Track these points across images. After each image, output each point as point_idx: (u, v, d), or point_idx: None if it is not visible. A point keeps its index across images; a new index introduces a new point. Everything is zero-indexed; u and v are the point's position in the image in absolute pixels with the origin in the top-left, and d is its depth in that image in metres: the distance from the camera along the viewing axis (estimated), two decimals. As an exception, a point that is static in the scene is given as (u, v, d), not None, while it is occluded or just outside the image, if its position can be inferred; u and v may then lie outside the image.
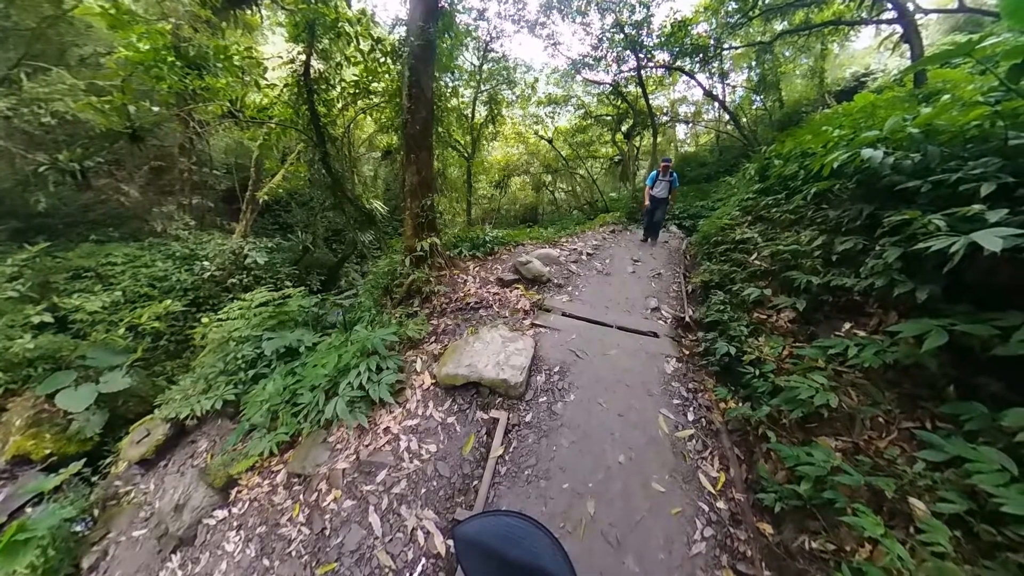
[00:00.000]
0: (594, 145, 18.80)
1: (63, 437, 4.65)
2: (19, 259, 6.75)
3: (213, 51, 5.30)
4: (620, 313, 4.45)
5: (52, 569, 2.86)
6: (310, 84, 5.90)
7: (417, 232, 5.15)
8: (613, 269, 6.01)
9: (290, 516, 2.63)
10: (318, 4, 5.15)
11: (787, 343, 2.91)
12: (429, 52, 4.82)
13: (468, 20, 9.90)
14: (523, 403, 3.09)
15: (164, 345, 6.74)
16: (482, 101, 12.22)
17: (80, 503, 3.38)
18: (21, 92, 7.42)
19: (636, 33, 11.48)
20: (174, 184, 10.56)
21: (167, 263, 8.54)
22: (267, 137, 7.42)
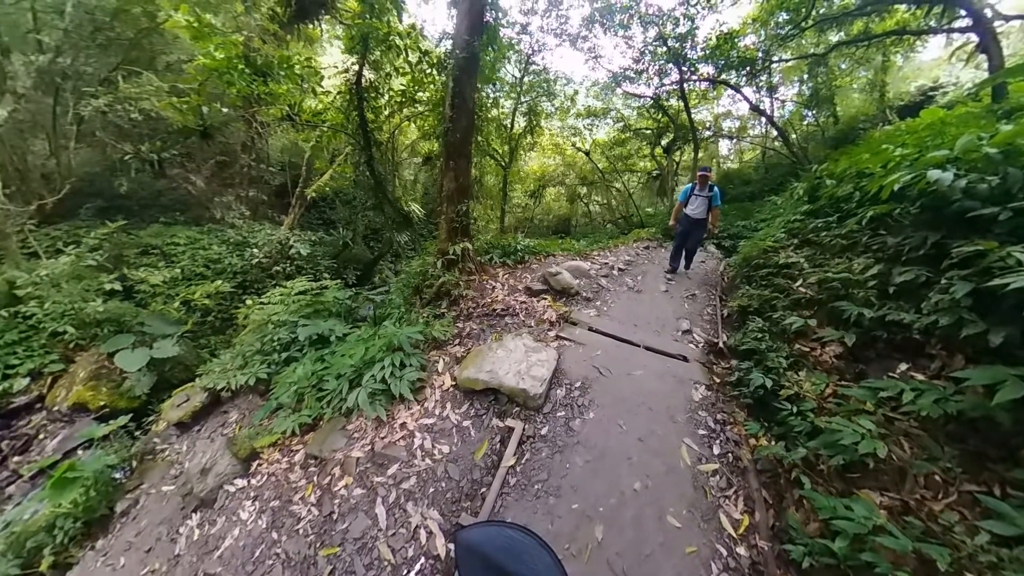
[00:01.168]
0: (632, 159, 18.53)
1: (116, 393, 5.16)
2: (100, 233, 7.61)
3: (277, 60, 5.84)
4: (649, 333, 4.30)
5: (91, 508, 3.14)
6: (361, 92, 6.30)
7: (451, 236, 5.27)
8: (645, 286, 5.84)
9: (303, 495, 2.71)
10: (372, 19, 5.52)
11: (831, 380, 2.67)
12: (473, 64, 4.98)
13: (511, 34, 10.17)
14: (540, 415, 3.03)
15: (211, 321, 7.28)
16: (522, 112, 12.43)
17: (122, 453, 3.69)
18: (117, 91, 8.45)
19: (680, 46, 11.24)
20: (234, 177, 11.55)
21: (222, 247, 9.29)
22: (319, 139, 8.00)
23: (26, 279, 6.05)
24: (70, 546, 2.98)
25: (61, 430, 4.79)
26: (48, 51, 7.60)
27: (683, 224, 5.80)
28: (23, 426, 4.92)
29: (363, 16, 5.51)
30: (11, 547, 2.91)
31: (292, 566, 2.30)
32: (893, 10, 10.05)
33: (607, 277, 6.05)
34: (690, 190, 5.59)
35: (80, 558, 2.95)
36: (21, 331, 5.61)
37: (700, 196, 5.48)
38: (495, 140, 11.49)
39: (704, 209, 5.54)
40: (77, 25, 7.75)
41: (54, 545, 2.94)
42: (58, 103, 8.36)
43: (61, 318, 5.76)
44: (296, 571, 2.27)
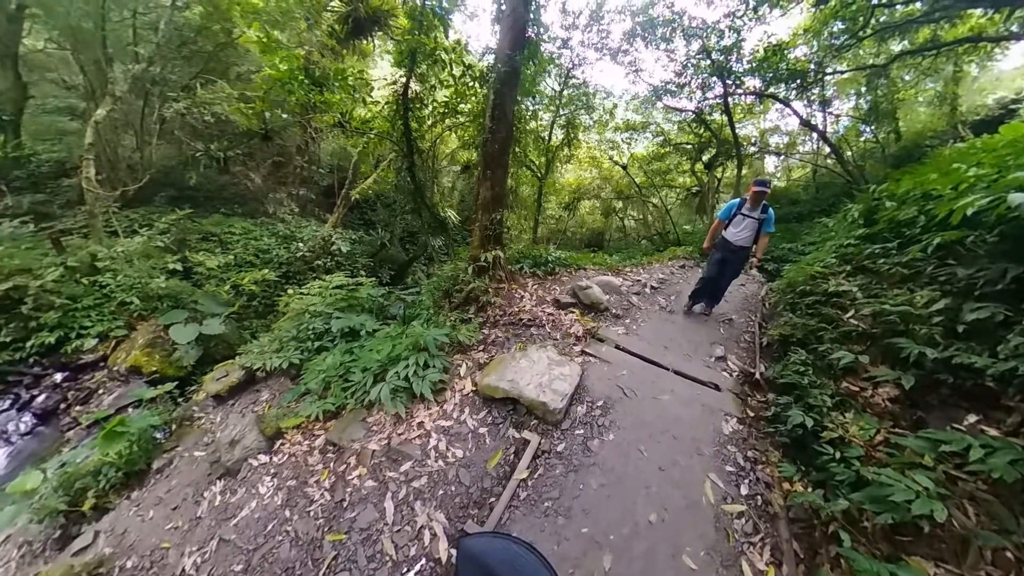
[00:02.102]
0: (671, 174, 18.00)
1: (167, 361, 5.71)
2: (170, 219, 8.41)
3: (333, 73, 6.40)
4: (679, 356, 4.11)
5: (132, 461, 3.42)
6: (407, 103, 6.64)
7: (483, 243, 5.34)
8: (678, 307, 5.59)
9: (318, 479, 2.79)
10: (421, 35, 5.83)
11: (883, 426, 2.40)
12: (514, 78, 5.10)
13: (552, 49, 10.26)
14: (558, 431, 2.95)
15: (255, 305, 7.80)
16: (560, 125, 12.49)
17: (165, 416, 4.01)
18: (195, 97, 9.54)
19: (724, 59, 10.81)
20: (288, 177, 12.56)
21: (271, 239, 10.01)
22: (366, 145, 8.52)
23: (105, 253, 6.81)
24: (110, 492, 3.26)
25: (117, 388, 5.38)
26: (142, 61, 8.74)
27: (720, 250, 4.51)
28: (87, 380, 5.55)
29: (412, 32, 5.85)
30: (63, 485, 3.22)
31: (299, 545, 2.36)
32: (966, 15, 9.10)
33: (639, 295, 5.87)
34: (736, 208, 4.30)
35: (116, 505, 3.19)
36: (96, 298, 6.30)
37: (749, 217, 4.20)
38: (532, 151, 11.64)
39: (751, 235, 4.27)
40: (167, 40, 8.89)
41: (97, 489, 3.22)
42: (146, 105, 9.55)
43: (130, 290, 6.46)
44: (302, 551, 2.32)
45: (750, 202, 4.21)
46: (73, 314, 5.98)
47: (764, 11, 10.27)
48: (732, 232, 4.40)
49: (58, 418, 5.15)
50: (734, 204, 4.40)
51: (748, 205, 4.23)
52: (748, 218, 4.27)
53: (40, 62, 9.92)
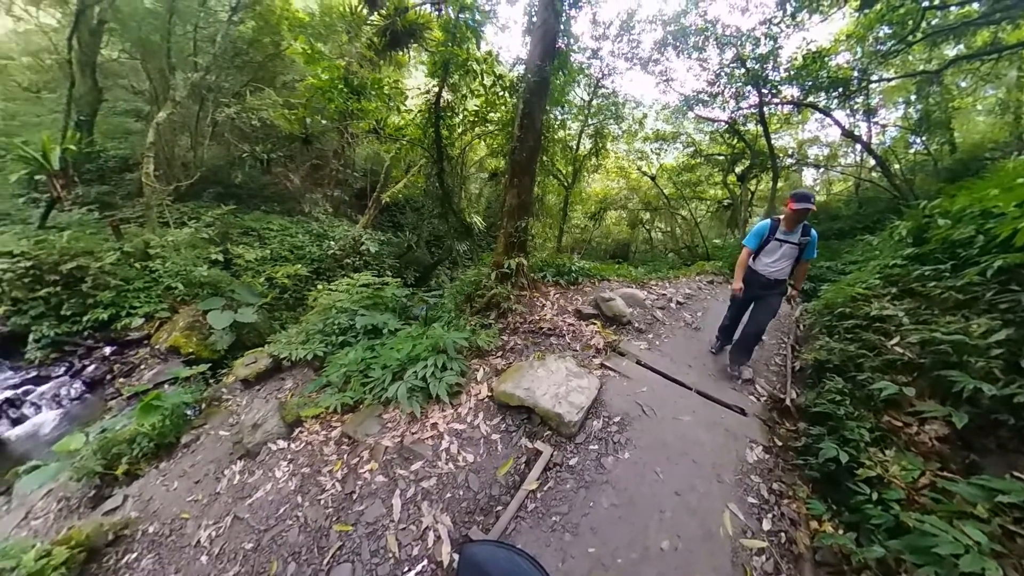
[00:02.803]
0: (701, 186, 17.41)
1: (203, 344, 6.12)
2: (215, 213, 9.09)
3: (370, 82, 6.72)
4: (704, 376, 3.95)
5: (163, 434, 3.64)
6: (439, 112, 6.85)
7: (507, 250, 5.36)
8: (705, 325, 5.38)
9: (331, 469, 2.85)
10: (454, 47, 6.00)
11: (929, 468, 2.20)
12: (543, 88, 5.13)
13: (582, 59, 10.27)
14: (572, 444, 2.89)
15: (286, 298, 8.17)
16: (588, 134, 12.44)
17: (196, 395, 4.25)
18: (244, 103, 10.45)
19: (760, 67, 10.35)
20: (324, 179, 13.24)
21: (305, 237, 10.49)
22: (398, 151, 8.91)
23: (157, 242, 7.41)
24: (141, 461, 3.48)
25: (157, 365, 5.83)
26: (200, 70, 9.52)
27: (751, 285, 3.61)
28: (132, 355, 6.06)
29: (446, 44, 6.06)
30: (101, 449, 3.47)
31: (307, 532, 2.41)
32: (1031, 15, 8.23)
33: (663, 309, 5.69)
34: (767, 231, 3.37)
35: (146, 473, 3.39)
36: (146, 281, 6.85)
37: (786, 242, 3.30)
38: (560, 160, 11.66)
39: (789, 264, 3.39)
40: (223, 51, 9.70)
41: (130, 456, 3.45)
42: (201, 110, 10.46)
43: (175, 276, 6.96)
44: (310, 537, 2.37)
45: (787, 222, 3.26)
46: (125, 294, 6.54)
47: (803, 17, 9.78)
48: (764, 263, 3.47)
49: (103, 387, 5.64)
50: (765, 227, 3.40)
51: (784, 226, 3.28)
52: (785, 243, 3.31)
53: (114, 70, 11.02)
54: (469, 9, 6.05)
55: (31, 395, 5.37)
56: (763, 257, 3.49)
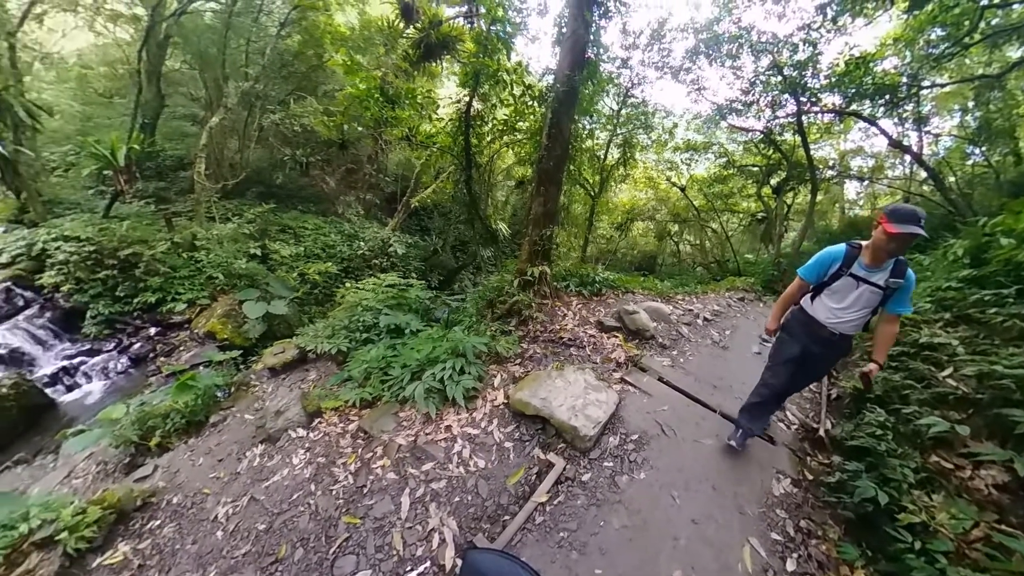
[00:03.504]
0: (734, 198, 16.63)
1: (237, 332, 6.57)
2: (256, 211, 9.70)
3: (404, 92, 7.08)
4: (730, 398, 3.76)
5: (195, 412, 3.88)
6: (469, 120, 7.01)
7: (531, 258, 5.36)
8: (733, 344, 5.16)
9: (345, 461, 2.91)
10: (485, 58, 6.14)
11: (984, 519, 1.98)
12: (571, 97, 5.14)
13: (611, 68, 10.14)
14: (586, 459, 2.81)
15: (316, 294, 8.56)
16: (616, 144, 12.22)
17: (227, 378, 4.50)
18: (288, 110, 11.32)
19: (798, 75, 9.74)
20: (358, 182, 13.92)
21: (337, 237, 11.03)
22: (429, 158, 9.25)
23: (203, 235, 7.99)
24: (172, 435, 3.70)
25: (194, 348, 6.36)
26: (250, 80, 10.33)
27: (799, 335, 2.55)
28: (173, 337, 6.61)
29: (477, 55, 6.23)
30: (139, 420, 3.72)
31: (317, 519, 2.46)
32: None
33: (689, 326, 5.50)
34: (841, 260, 2.27)
35: (175, 447, 3.59)
36: (191, 270, 7.43)
37: (867, 283, 2.18)
38: (587, 170, 11.57)
39: (865, 315, 2.27)
40: (271, 62, 10.60)
41: (163, 430, 3.68)
42: (250, 115, 11.35)
43: (217, 267, 7.50)
44: (319, 525, 2.42)
45: (873, 253, 2.12)
46: (172, 281, 7.12)
47: (844, 21, 9.13)
48: (828, 307, 2.33)
49: (146, 364, 6.20)
50: (836, 254, 2.28)
51: (867, 258, 2.15)
52: (865, 284, 2.17)
53: (175, 79, 12.06)
54: (501, 21, 6.19)
55: (84, 366, 5.97)
56: (827, 299, 2.32)
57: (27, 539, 2.29)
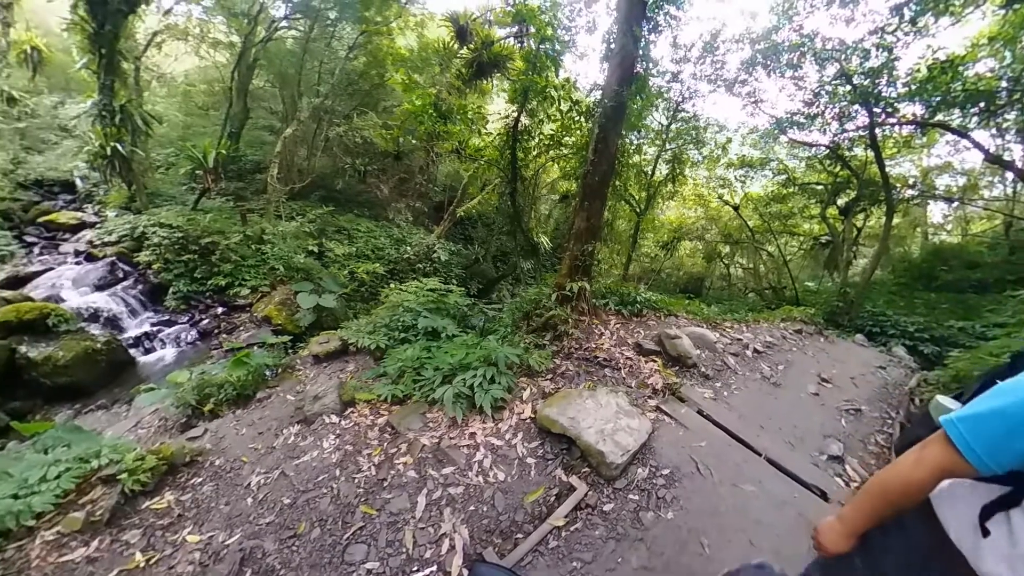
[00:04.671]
0: (793, 219, 15.23)
1: (289, 319, 7.28)
2: (317, 212, 10.80)
3: (456, 108, 7.57)
4: (778, 442, 3.41)
5: (244, 386, 4.19)
6: (516, 135, 7.21)
7: (571, 273, 5.28)
8: (787, 381, 4.70)
9: (370, 453, 2.99)
10: (533, 75, 6.30)
11: None
12: (619, 112, 5.07)
13: (661, 83, 9.75)
14: (610, 488, 2.66)
15: (362, 291, 9.20)
16: (665, 159, 11.78)
17: (275, 359, 4.88)
18: (351, 123, 12.62)
19: (870, 83, 8.72)
20: (409, 191, 14.96)
21: (386, 240, 11.87)
22: (476, 170, 9.66)
23: (271, 230, 8.99)
24: (223, 404, 4.02)
25: (252, 329, 7.18)
26: (321, 96, 11.76)
27: None
28: (235, 318, 7.45)
29: (526, 73, 6.39)
30: (198, 387, 4.09)
31: (337, 504, 2.54)
32: None
33: (737, 356, 5.08)
34: None
35: (224, 415, 3.89)
36: (257, 260, 8.36)
37: None
38: (633, 186, 11.25)
39: None
40: (339, 81, 11.98)
41: (216, 398, 4.01)
42: (318, 127, 12.67)
43: (279, 259, 8.39)
44: (338, 510, 2.50)
45: None
46: (240, 268, 8.07)
47: (926, 22, 8.07)
48: None
49: (210, 338, 7.05)
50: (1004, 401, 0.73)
51: None
52: None
53: (259, 95, 13.81)
54: (550, 40, 6.34)
55: (161, 333, 6.93)
56: None
57: (96, 473, 2.60)
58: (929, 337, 7.28)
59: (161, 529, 2.45)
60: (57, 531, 2.33)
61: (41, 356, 5.27)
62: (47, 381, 5.24)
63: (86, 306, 6.58)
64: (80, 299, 6.75)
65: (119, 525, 2.44)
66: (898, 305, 9.67)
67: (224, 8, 11.42)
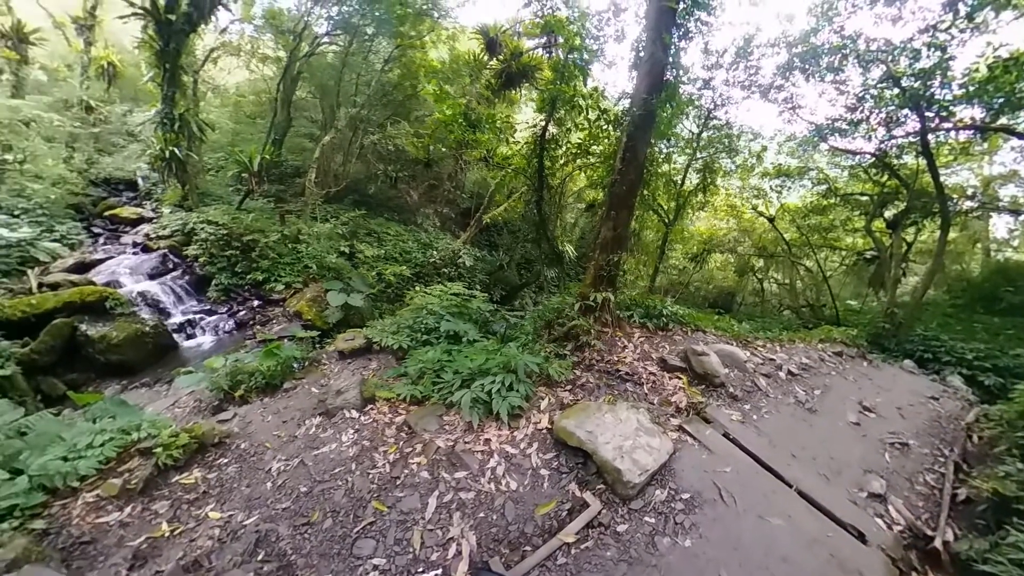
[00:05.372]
0: (835, 232, 14.24)
1: (319, 315, 7.67)
2: (350, 215, 11.40)
3: (485, 117, 7.73)
4: (811, 474, 3.18)
5: (273, 376, 4.42)
6: (543, 144, 7.24)
7: (596, 283, 5.20)
8: (824, 407, 4.39)
9: (386, 450, 3.04)
10: (561, 85, 6.31)
11: None
12: (648, 121, 5.00)
13: (692, 90, 9.42)
14: (625, 508, 2.56)
15: (389, 292, 9.57)
16: (695, 169, 11.38)
17: (303, 353, 5.12)
18: (384, 132, 13.29)
19: (921, 85, 8.06)
20: (437, 197, 15.48)
21: (414, 244, 12.32)
22: (503, 178, 9.81)
23: (306, 231, 9.60)
24: (253, 391, 4.24)
25: (284, 322, 7.68)
26: (357, 106, 12.44)
27: None
28: (269, 311, 7.95)
29: (554, 82, 6.41)
30: (231, 373, 4.31)
31: (350, 497, 2.61)
32: None
33: (769, 378, 4.80)
34: None
35: (252, 402, 4.10)
36: (292, 258, 8.95)
37: None
38: (662, 195, 10.97)
39: None
40: (375, 92, 12.69)
41: (247, 385, 4.25)
42: (354, 136, 13.30)
43: (312, 258, 8.92)
44: (351, 503, 2.56)
45: None
46: (277, 265, 8.67)
47: (984, 17, 7.34)
48: None
49: (246, 329, 7.58)
50: None
51: None
52: None
53: (301, 105, 14.64)
54: (578, 50, 6.35)
55: (202, 321, 7.53)
56: None
57: (135, 445, 2.83)
58: (991, 367, 6.58)
59: (187, 503, 2.60)
60: (97, 494, 2.53)
61: (98, 335, 5.83)
62: (101, 357, 5.79)
63: (139, 292, 7.27)
64: (134, 286, 7.42)
65: (150, 495, 2.62)
66: (954, 329, 8.84)
67: (273, 26, 12.52)
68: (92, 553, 2.21)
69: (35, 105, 11.05)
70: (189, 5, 8.79)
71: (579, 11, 6.41)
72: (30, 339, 5.44)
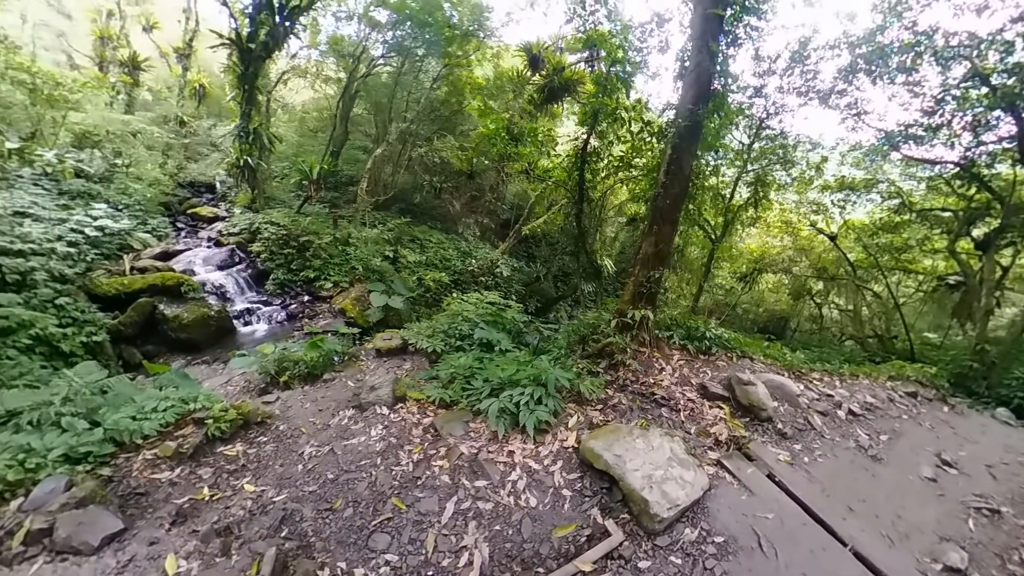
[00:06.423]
0: (910, 252, 12.47)
1: (361, 314, 8.23)
2: (396, 222, 12.10)
3: (527, 131, 7.97)
4: (873, 534, 2.78)
5: (315, 367, 4.68)
6: (585, 157, 7.17)
7: (634, 300, 5.03)
8: (891, 456, 3.86)
9: (411, 449, 3.11)
10: (604, 98, 6.20)
11: None
12: (695, 132, 4.81)
13: (741, 99, 8.74)
14: (650, 543, 2.37)
15: (427, 297, 10.04)
16: (746, 182, 10.60)
17: (344, 348, 5.42)
18: (431, 145, 14.13)
19: (1016, 82, 6.99)
20: (478, 208, 16.07)
21: (454, 252, 12.83)
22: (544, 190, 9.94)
23: (356, 235, 10.45)
24: (295, 379, 4.53)
25: (329, 318, 8.18)
26: (407, 121, 13.34)
27: None
28: (317, 307, 8.63)
29: (596, 95, 6.35)
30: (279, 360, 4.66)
31: (372, 490, 2.69)
32: None
33: (825, 416, 4.32)
34: None
35: (294, 388, 4.37)
36: (340, 259, 9.71)
37: None
38: (709, 210, 10.30)
39: None
40: (424, 108, 13.58)
41: (291, 372, 4.55)
42: (403, 148, 14.20)
43: (359, 260, 9.62)
44: (372, 496, 2.64)
45: None
46: (327, 265, 9.45)
47: None
48: None
49: (295, 321, 8.19)
50: None
51: None
52: None
53: (357, 120, 15.84)
54: (620, 62, 6.28)
55: (259, 311, 8.40)
56: None
57: (191, 414, 3.15)
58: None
59: (227, 473, 2.83)
60: (155, 453, 2.84)
61: (172, 314, 6.69)
62: (172, 334, 6.64)
63: (208, 281, 8.26)
64: (205, 275, 8.43)
65: (198, 460, 2.89)
66: (1065, 373, 7.49)
67: (335, 51, 13.97)
68: (144, 504, 2.46)
69: (141, 120, 13.51)
70: (266, 35, 10.00)
71: (622, 24, 6.36)
72: (119, 313, 6.41)
